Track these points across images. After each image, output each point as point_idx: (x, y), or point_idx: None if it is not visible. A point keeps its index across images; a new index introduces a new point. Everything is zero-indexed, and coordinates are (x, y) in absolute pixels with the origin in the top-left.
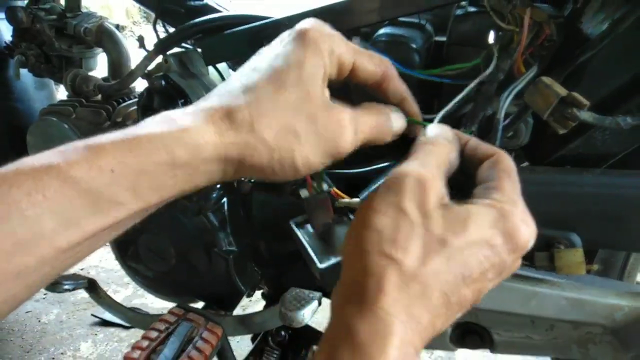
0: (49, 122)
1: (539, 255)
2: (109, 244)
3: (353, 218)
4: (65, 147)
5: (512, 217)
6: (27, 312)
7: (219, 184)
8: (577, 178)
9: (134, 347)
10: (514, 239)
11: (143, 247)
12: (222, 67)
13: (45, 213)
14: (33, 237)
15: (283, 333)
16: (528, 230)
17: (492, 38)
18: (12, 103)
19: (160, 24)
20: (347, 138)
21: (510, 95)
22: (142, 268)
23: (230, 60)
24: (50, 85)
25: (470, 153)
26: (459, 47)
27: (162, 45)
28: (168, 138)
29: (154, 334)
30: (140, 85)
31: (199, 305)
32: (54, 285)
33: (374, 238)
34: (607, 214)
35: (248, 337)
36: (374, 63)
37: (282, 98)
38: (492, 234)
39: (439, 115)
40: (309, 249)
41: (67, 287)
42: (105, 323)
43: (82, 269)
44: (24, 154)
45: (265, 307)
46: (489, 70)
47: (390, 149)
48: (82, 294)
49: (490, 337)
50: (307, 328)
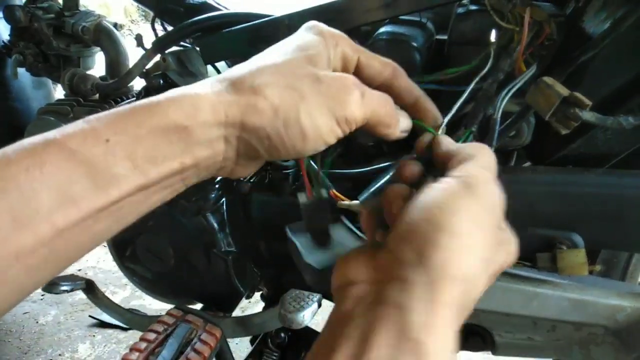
0: (47, 121)
1: (541, 256)
2: (107, 245)
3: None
4: (68, 124)
5: (487, 193)
6: (24, 313)
7: (219, 184)
8: (579, 178)
9: (132, 349)
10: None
11: (141, 247)
12: (221, 66)
13: (43, 189)
14: (31, 213)
15: (282, 335)
16: (498, 200)
17: (493, 37)
18: (9, 102)
19: (159, 23)
20: (353, 99)
21: (508, 95)
22: (140, 269)
23: (229, 59)
24: (48, 85)
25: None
26: (460, 45)
27: (160, 44)
28: (164, 102)
29: (152, 336)
30: (139, 84)
31: (198, 307)
32: (52, 286)
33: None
34: (609, 214)
35: (247, 338)
36: (380, 62)
37: (284, 63)
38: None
39: (445, 121)
40: (303, 252)
41: (64, 288)
42: (103, 324)
43: (79, 270)
44: None
45: (265, 308)
46: (486, 70)
47: (394, 150)
48: (80, 295)
49: (492, 338)
50: (306, 330)
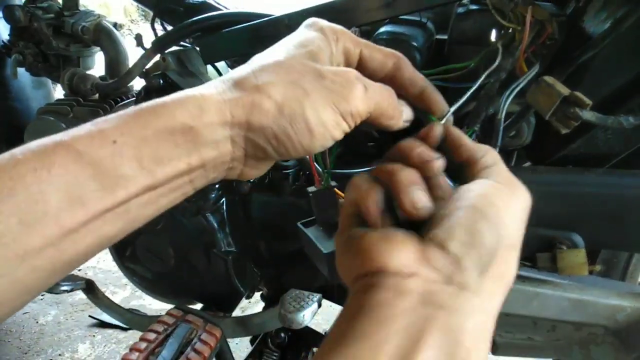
0: (46, 121)
1: (542, 256)
2: None
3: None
4: (76, 127)
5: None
6: (24, 313)
7: (219, 184)
8: (579, 178)
9: (132, 349)
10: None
11: (141, 248)
12: (221, 65)
13: (51, 190)
14: (38, 215)
15: (282, 335)
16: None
17: (493, 36)
18: (9, 102)
19: (159, 22)
20: (357, 93)
21: (512, 94)
22: (140, 269)
23: (229, 59)
24: (48, 84)
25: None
26: (460, 45)
27: (160, 44)
28: (170, 104)
29: (152, 336)
30: (138, 84)
31: (198, 307)
32: (52, 286)
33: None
34: (609, 214)
35: (247, 338)
36: (383, 53)
37: (286, 60)
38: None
39: (451, 110)
40: (314, 240)
41: (64, 288)
42: (103, 324)
43: (79, 270)
44: None
45: (265, 308)
46: (497, 63)
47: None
48: (80, 295)
49: (492, 338)
50: (306, 330)
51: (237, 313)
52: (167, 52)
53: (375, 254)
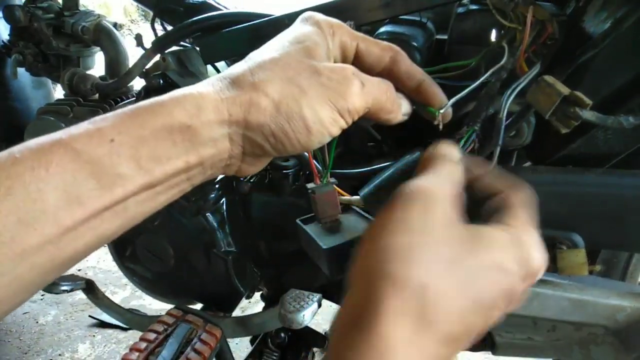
0: (46, 121)
1: None
2: (107, 245)
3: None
4: (74, 125)
5: (527, 242)
6: (24, 313)
7: (219, 183)
8: (579, 178)
9: (132, 349)
10: (528, 266)
11: (141, 247)
12: (221, 65)
13: (49, 188)
14: (36, 213)
15: (282, 335)
16: (541, 259)
17: (493, 36)
18: (9, 102)
19: (159, 22)
20: (354, 89)
21: (513, 94)
22: (140, 269)
23: (229, 59)
24: (48, 84)
25: (485, 184)
26: (460, 45)
27: (160, 44)
28: (168, 103)
29: (152, 336)
30: (138, 84)
31: (198, 307)
32: (52, 286)
33: (378, 257)
34: (609, 214)
35: (247, 338)
36: (380, 47)
37: (283, 57)
38: (506, 259)
39: (450, 103)
40: (314, 236)
41: (64, 288)
42: (103, 324)
43: (79, 270)
44: None
45: (265, 308)
46: (504, 61)
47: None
48: (79, 295)
49: (492, 339)
50: (306, 330)
51: (237, 313)
52: (167, 52)
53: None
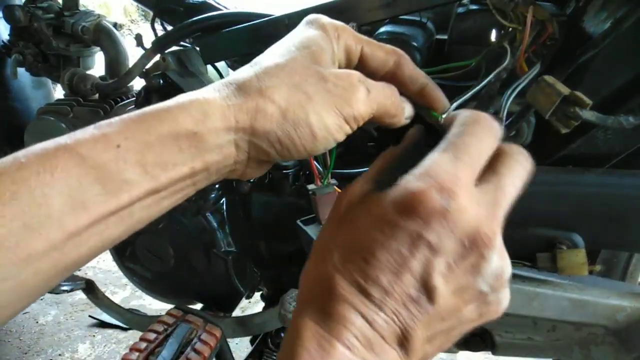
0: (46, 121)
1: (541, 256)
2: None
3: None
4: (79, 130)
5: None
6: (24, 313)
7: (219, 184)
8: (579, 178)
9: (132, 349)
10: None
11: (141, 247)
12: (221, 65)
13: (54, 193)
14: (41, 218)
15: (282, 335)
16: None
17: (493, 36)
18: (9, 102)
19: (159, 22)
20: (360, 96)
21: (514, 94)
22: (140, 269)
23: (229, 59)
24: (48, 84)
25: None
26: (460, 45)
27: (160, 44)
28: (173, 109)
29: (152, 336)
30: (138, 84)
31: (198, 307)
32: None
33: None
34: (609, 214)
35: (247, 338)
36: (384, 51)
37: (289, 63)
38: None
39: (452, 107)
40: (314, 237)
41: (64, 288)
42: (103, 324)
43: (79, 270)
44: None
45: (265, 308)
46: (507, 62)
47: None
48: (80, 295)
49: (492, 339)
50: None
51: (237, 313)
52: (167, 52)
53: None
